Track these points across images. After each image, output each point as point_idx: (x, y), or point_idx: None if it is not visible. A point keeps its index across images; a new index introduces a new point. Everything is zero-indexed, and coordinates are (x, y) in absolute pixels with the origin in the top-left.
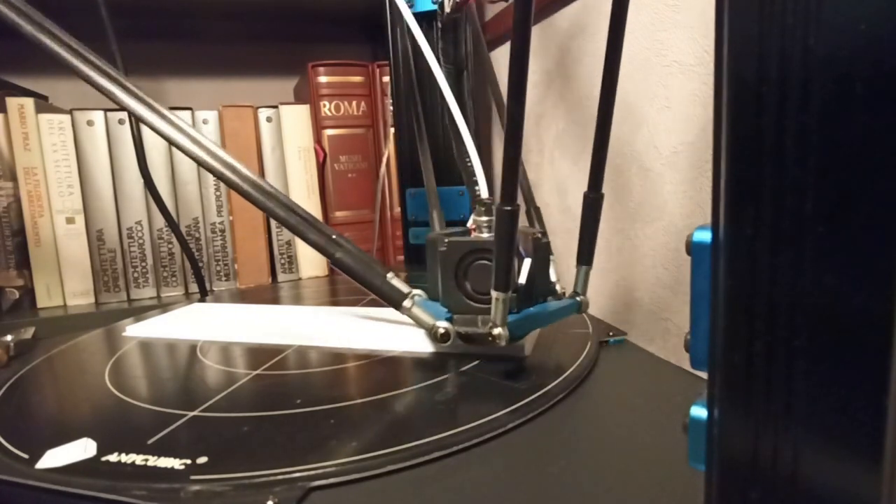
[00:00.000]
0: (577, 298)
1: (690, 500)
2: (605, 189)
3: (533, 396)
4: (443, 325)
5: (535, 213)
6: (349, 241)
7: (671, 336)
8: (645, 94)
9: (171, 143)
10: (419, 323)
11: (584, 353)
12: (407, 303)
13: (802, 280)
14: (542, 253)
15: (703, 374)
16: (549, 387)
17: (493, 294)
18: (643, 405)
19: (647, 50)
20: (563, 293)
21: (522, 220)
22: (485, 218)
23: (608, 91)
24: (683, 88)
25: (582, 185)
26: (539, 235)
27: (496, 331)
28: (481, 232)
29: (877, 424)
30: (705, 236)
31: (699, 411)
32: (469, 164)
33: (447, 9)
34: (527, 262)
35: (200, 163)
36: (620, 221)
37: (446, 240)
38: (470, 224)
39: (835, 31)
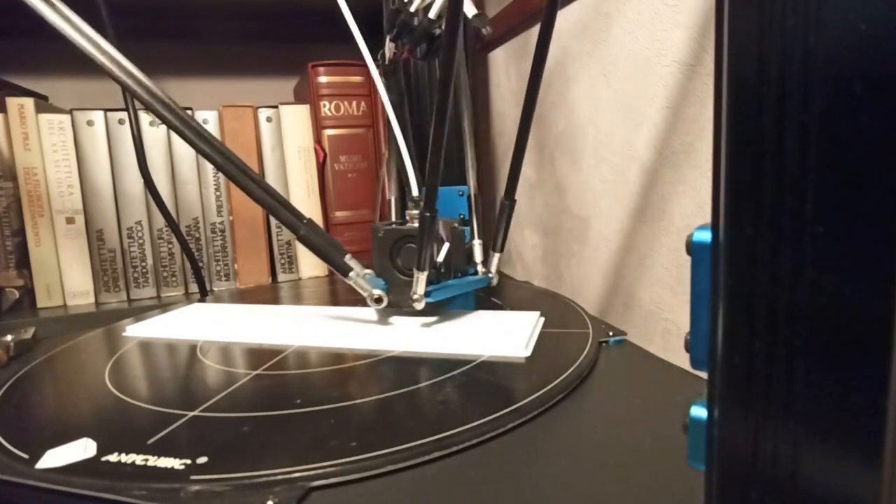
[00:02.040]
0: (489, 276)
1: (690, 500)
2: (606, 189)
3: (532, 396)
4: (377, 292)
5: (475, 200)
6: (317, 226)
7: (671, 336)
8: (645, 94)
9: (147, 106)
10: (361, 289)
11: (584, 353)
12: (352, 274)
13: (802, 280)
14: (457, 239)
15: (703, 374)
16: (549, 387)
17: (416, 272)
18: (643, 405)
19: (647, 50)
20: (485, 273)
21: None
22: (415, 211)
23: (528, 110)
24: (683, 88)
25: (582, 184)
26: (456, 225)
27: (416, 296)
28: (413, 222)
29: (877, 424)
30: (705, 236)
31: (699, 411)
32: (406, 169)
33: (386, 59)
34: (445, 246)
35: (184, 137)
36: (620, 221)
37: (384, 228)
38: (406, 216)
39: (835, 31)
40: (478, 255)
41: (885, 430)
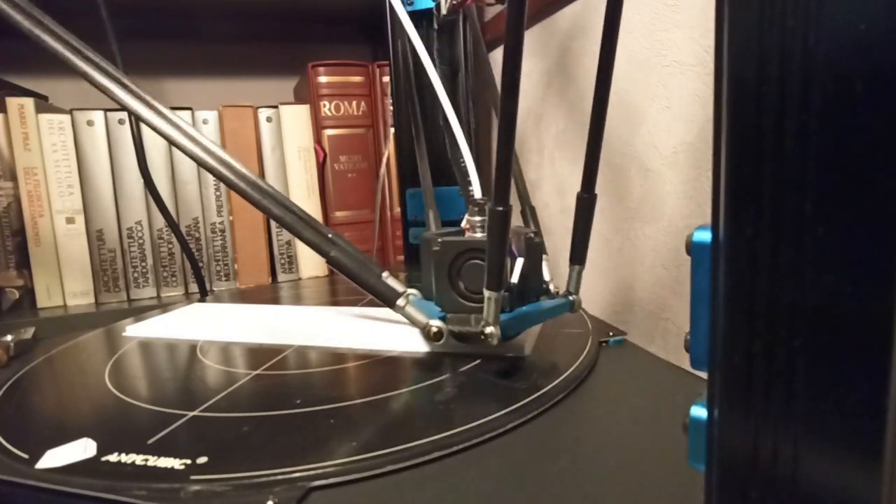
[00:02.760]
0: (570, 297)
1: (690, 500)
2: (606, 189)
3: (532, 396)
4: (436, 324)
5: (529, 213)
6: (345, 240)
7: (671, 336)
8: (645, 94)
9: (167, 139)
10: (413, 321)
11: (584, 353)
12: (401, 301)
13: (802, 280)
14: (534, 253)
15: (703, 374)
16: (549, 387)
17: (486, 293)
18: (643, 405)
19: (647, 50)
20: (557, 292)
21: (518, 220)
22: (478, 218)
23: (602, 93)
24: (683, 88)
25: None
26: (532, 235)
27: (488, 329)
28: (475, 232)
29: (877, 424)
30: (705, 236)
31: (699, 411)
32: (463, 164)
33: (443, 10)
34: (519, 262)
35: (197, 160)
36: (620, 221)
37: (440, 239)
38: (464, 224)
39: (835, 31)
40: (546, 273)
41: (885, 430)
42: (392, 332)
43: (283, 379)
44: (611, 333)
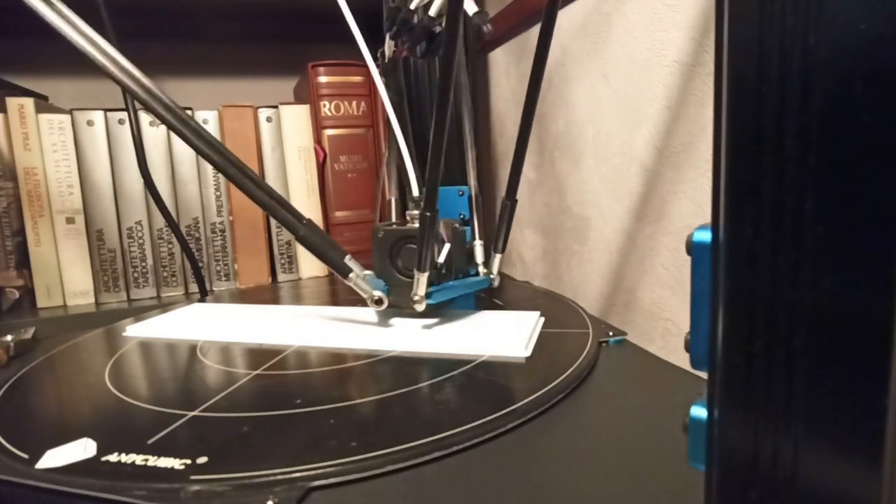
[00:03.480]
0: (490, 277)
1: (690, 500)
2: (606, 189)
3: (532, 397)
4: (377, 294)
5: (476, 200)
6: (315, 225)
7: (671, 336)
8: (645, 94)
9: (149, 109)
10: (361, 290)
11: (584, 353)
12: (352, 275)
13: (802, 280)
14: (458, 239)
15: (703, 374)
16: (549, 387)
17: (416, 273)
18: (643, 405)
19: (647, 50)
20: (487, 274)
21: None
22: (416, 212)
23: (528, 112)
24: (683, 88)
25: (582, 184)
26: (457, 226)
27: (416, 297)
28: (413, 223)
29: (877, 424)
30: (705, 236)
31: (699, 411)
32: (406, 169)
33: (386, 58)
34: (446, 246)
35: (183, 137)
36: (620, 221)
37: (383, 229)
38: (407, 217)
39: (835, 31)
40: (479, 256)
41: (885, 430)
42: (392, 332)
43: (283, 379)
44: (611, 333)
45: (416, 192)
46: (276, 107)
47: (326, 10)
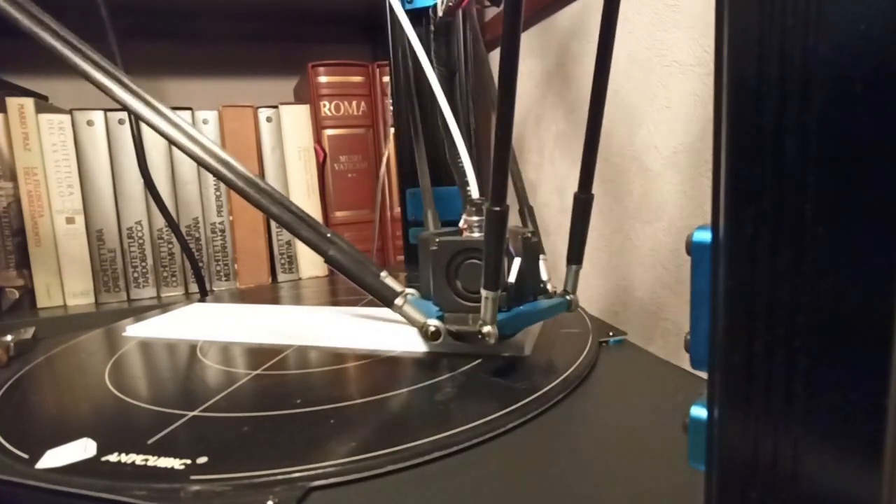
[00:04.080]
0: (567, 297)
1: (690, 500)
2: (606, 189)
3: (533, 396)
4: (433, 324)
5: (528, 213)
6: (343, 239)
7: (671, 336)
8: (645, 94)
9: (165, 137)
10: (411, 321)
11: (584, 353)
12: (399, 301)
13: (802, 280)
14: (531, 252)
15: (703, 374)
16: (549, 387)
17: (483, 293)
18: (643, 405)
19: (647, 50)
20: (555, 292)
21: (515, 220)
22: (475, 218)
23: (599, 91)
24: (683, 88)
25: None
26: (529, 235)
27: (486, 329)
28: (472, 232)
29: (877, 424)
30: (705, 236)
31: (699, 411)
32: (461, 164)
33: (440, 12)
34: (516, 262)
35: (195, 158)
36: (620, 221)
37: (437, 239)
38: (461, 224)
39: (835, 31)
40: (544, 273)
41: (885, 430)
42: (392, 332)
43: (283, 379)
44: (611, 333)
45: (475, 193)
46: (276, 107)
47: (326, 10)
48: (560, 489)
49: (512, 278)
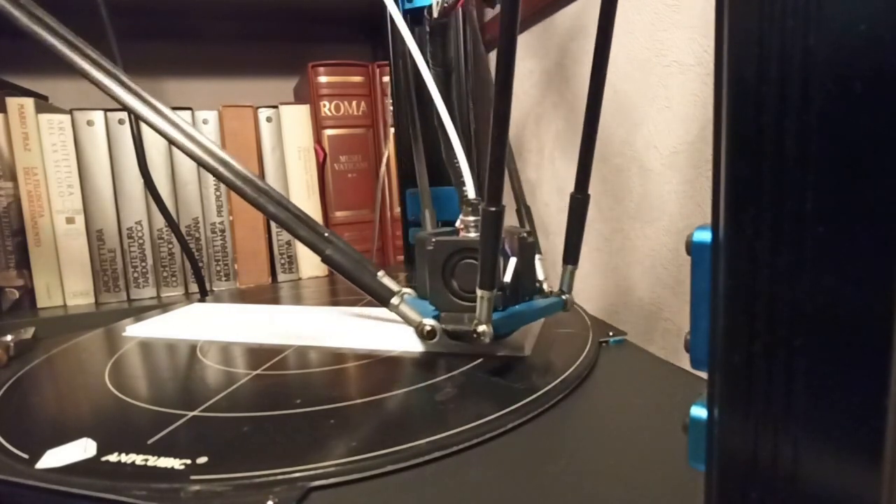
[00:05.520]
0: (563, 297)
1: (690, 500)
2: (605, 189)
3: (532, 396)
4: (429, 323)
5: (525, 213)
6: (341, 239)
7: (671, 336)
8: (645, 94)
9: (164, 136)
10: (407, 320)
11: (584, 353)
12: (395, 300)
13: (802, 280)
14: (527, 252)
15: (703, 374)
16: (549, 387)
17: (479, 292)
18: (643, 405)
19: (647, 50)
20: (551, 291)
21: (512, 220)
22: (472, 218)
23: (596, 91)
24: (683, 88)
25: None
26: (525, 235)
27: (481, 328)
28: (468, 231)
29: (877, 424)
30: (705, 236)
31: (699, 411)
32: (457, 164)
33: (434, 13)
34: (512, 261)
35: (195, 158)
36: (620, 221)
37: (433, 239)
38: (458, 224)
39: (835, 31)
40: (540, 272)
41: (885, 430)
42: (392, 332)
43: (283, 379)
44: (611, 333)
45: (471, 193)
46: (276, 107)
47: (326, 10)
48: (560, 489)
49: (508, 278)
